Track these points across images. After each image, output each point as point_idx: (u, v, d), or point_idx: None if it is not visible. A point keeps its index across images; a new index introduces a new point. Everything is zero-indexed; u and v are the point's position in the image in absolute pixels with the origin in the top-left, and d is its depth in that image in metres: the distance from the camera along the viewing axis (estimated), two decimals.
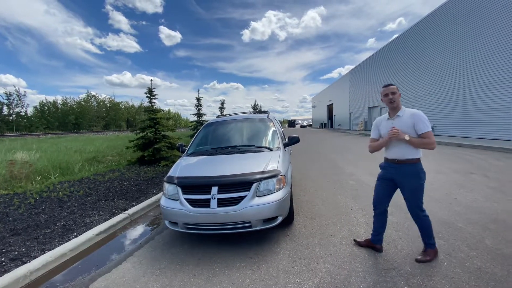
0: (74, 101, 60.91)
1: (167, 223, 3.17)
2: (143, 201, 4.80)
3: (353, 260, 2.64)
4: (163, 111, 11.82)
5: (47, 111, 54.94)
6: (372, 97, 29.13)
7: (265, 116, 4.99)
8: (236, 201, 2.89)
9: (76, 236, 3.38)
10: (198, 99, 17.83)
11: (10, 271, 2.59)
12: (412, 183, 2.50)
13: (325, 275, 2.41)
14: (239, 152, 3.88)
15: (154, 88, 9.56)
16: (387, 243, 2.95)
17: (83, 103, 61.27)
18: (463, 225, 3.35)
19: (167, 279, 2.49)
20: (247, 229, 2.92)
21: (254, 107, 65.32)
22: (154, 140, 9.23)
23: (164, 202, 3.15)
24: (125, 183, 6.18)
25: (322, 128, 51.16)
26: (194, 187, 3.04)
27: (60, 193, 5.25)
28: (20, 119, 49.17)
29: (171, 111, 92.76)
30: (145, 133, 9.41)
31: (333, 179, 6.20)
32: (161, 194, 3.48)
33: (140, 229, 3.88)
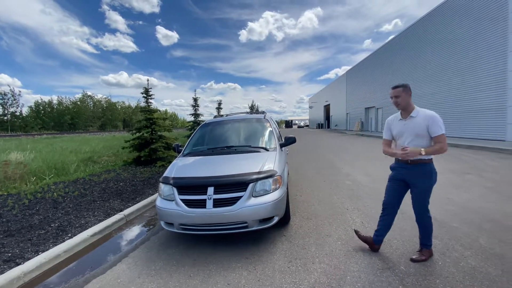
0: (70, 101, 60.64)
1: (162, 224, 3.16)
2: (139, 201, 4.78)
3: (348, 260, 2.65)
4: (159, 111, 11.76)
5: (42, 111, 54.53)
6: (369, 97, 29.29)
7: (261, 116, 4.99)
8: (232, 201, 2.88)
9: (71, 237, 3.35)
10: (195, 99, 17.84)
11: (3, 273, 2.56)
12: (424, 183, 2.48)
13: (320, 275, 2.41)
14: (235, 152, 3.87)
15: (151, 88, 9.52)
16: (382, 243, 2.96)
17: (79, 103, 60.88)
18: (458, 224, 3.37)
19: (162, 280, 2.48)
20: (243, 230, 2.91)
21: (252, 107, 65.55)
22: (150, 140, 9.18)
23: (159, 202, 3.13)
24: (121, 183, 6.14)
25: (319, 128, 51.33)
26: (190, 187, 3.03)
27: (55, 193, 5.20)
28: (15, 119, 48.75)
29: (168, 111, 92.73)
30: (141, 133, 9.36)
31: (329, 179, 6.21)
32: (157, 194, 3.46)
33: (135, 230, 3.86)
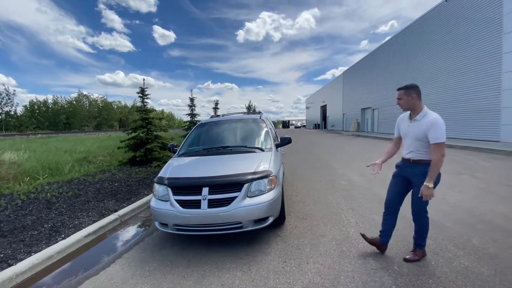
0: (65, 100, 60.10)
1: (157, 224, 3.14)
2: (134, 202, 4.75)
3: (342, 260, 2.66)
4: (156, 111, 11.70)
5: (37, 111, 54.04)
6: (365, 98, 29.43)
7: (257, 116, 4.99)
8: (227, 202, 2.87)
9: (64, 238, 3.32)
10: (191, 99, 17.79)
11: None
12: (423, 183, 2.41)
13: (314, 275, 2.42)
14: (231, 152, 3.86)
15: (147, 87, 9.46)
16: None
17: (74, 102, 60.41)
18: (451, 224, 3.40)
19: (156, 281, 2.47)
20: (238, 230, 2.91)
21: (249, 107, 65.56)
22: (146, 140, 9.13)
23: (154, 203, 3.11)
24: (116, 184, 6.10)
25: (316, 129, 51.47)
26: (184, 188, 3.02)
27: (48, 194, 5.15)
28: (10, 119, 48.26)
29: (165, 111, 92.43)
30: (137, 133, 9.30)
31: (325, 180, 6.23)
32: (152, 195, 3.45)
33: (130, 230, 3.83)
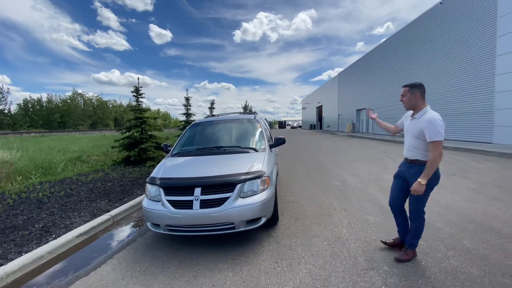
0: (60, 99, 59.22)
1: (149, 225, 3.12)
2: (127, 202, 4.72)
3: (334, 261, 2.67)
4: (151, 110, 11.63)
5: (31, 109, 53.23)
6: (360, 99, 29.62)
7: (252, 117, 4.99)
8: (220, 202, 2.87)
9: (55, 238, 3.28)
10: (187, 99, 17.70)
11: None
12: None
13: (305, 276, 2.43)
14: (224, 153, 3.86)
15: (141, 87, 9.37)
16: (367, 243, 3.01)
17: (69, 101, 59.57)
18: (441, 225, 3.44)
19: (147, 282, 2.46)
20: (230, 231, 2.90)
21: (245, 107, 65.44)
22: (140, 139, 9.07)
23: (146, 203, 3.10)
24: (109, 183, 6.05)
25: (312, 129, 51.67)
26: (176, 188, 3.00)
27: (40, 193, 5.09)
28: (3, 117, 47.46)
29: (161, 110, 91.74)
30: (131, 132, 9.22)
31: (319, 180, 6.26)
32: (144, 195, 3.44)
33: (122, 231, 3.80)
